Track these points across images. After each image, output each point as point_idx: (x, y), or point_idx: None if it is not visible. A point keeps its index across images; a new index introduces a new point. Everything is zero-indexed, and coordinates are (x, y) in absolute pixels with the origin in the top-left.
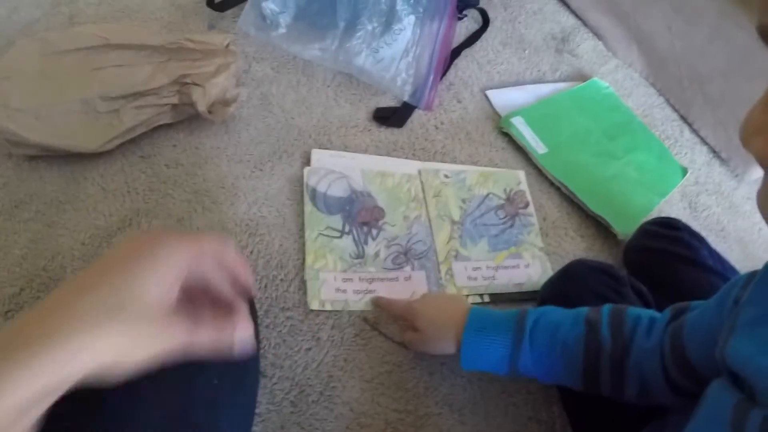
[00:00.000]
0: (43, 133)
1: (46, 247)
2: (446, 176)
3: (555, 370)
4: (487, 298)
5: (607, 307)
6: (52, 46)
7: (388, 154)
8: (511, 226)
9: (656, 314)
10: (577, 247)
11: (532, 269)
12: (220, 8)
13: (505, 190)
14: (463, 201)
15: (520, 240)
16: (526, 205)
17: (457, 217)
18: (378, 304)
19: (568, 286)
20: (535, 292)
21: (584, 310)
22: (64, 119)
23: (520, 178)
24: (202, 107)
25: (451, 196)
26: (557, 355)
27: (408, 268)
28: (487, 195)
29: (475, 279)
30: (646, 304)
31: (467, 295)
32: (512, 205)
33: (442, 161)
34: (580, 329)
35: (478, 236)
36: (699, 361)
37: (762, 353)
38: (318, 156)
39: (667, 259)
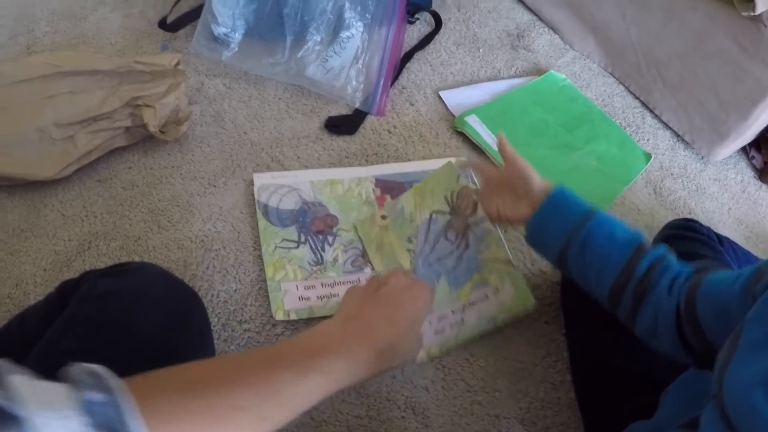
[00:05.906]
0: (1, 163)
1: (10, 275)
2: (383, 217)
3: (589, 277)
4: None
5: (663, 246)
6: (5, 77)
7: (340, 162)
8: (467, 246)
9: (689, 269)
10: None
11: (503, 294)
12: (172, 29)
13: (446, 197)
14: (409, 240)
15: (482, 260)
16: (475, 207)
17: (407, 265)
18: (468, 164)
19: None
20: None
21: (642, 235)
22: (21, 149)
23: (455, 167)
24: (154, 128)
25: (395, 243)
26: (599, 265)
27: (368, 269)
28: (431, 217)
29: (443, 331)
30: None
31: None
32: (459, 217)
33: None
34: (629, 252)
35: (435, 277)
36: (706, 323)
37: (758, 385)
38: (260, 181)
39: (692, 260)
